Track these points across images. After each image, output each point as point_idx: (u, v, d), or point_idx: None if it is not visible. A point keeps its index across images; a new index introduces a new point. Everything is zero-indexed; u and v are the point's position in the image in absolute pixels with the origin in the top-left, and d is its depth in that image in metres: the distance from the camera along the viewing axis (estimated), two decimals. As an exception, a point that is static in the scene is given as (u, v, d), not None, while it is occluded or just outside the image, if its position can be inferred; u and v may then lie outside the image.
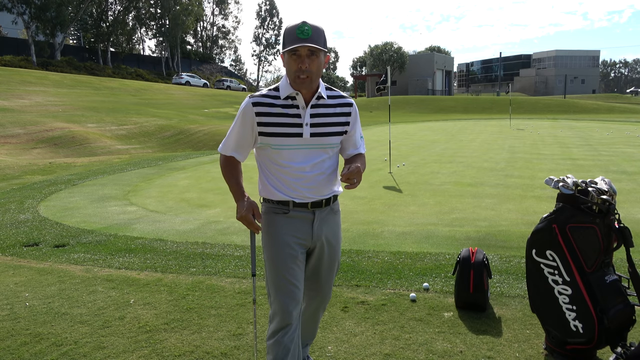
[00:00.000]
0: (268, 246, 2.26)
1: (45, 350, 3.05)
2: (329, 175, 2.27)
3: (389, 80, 10.63)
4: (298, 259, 2.23)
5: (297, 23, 2.06)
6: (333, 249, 2.36)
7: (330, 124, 2.23)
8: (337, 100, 2.27)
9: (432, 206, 6.99)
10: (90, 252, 5.21)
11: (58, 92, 29.40)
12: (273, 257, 2.22)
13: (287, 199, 2.22)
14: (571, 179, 2.71)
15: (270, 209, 2.28)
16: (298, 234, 2.24)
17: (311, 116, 2.18)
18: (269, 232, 2.27)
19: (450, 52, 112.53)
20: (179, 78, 49.24)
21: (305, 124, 2.17)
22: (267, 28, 77.21)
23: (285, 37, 2.08)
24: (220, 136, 20.04)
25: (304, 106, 2.18)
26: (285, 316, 2.17)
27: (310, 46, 2.03)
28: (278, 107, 2.17)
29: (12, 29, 45.26)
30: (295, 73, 2.08)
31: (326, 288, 2.44)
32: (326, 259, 2.36)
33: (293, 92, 2.15)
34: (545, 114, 35.41)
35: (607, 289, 2.61)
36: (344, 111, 2.27)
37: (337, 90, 2.32)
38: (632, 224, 5.36)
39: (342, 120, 2.26)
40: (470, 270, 3.42)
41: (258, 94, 2.22)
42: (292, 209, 2.23)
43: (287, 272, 2.19)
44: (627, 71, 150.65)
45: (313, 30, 2.05)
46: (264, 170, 2.28)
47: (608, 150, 12.92)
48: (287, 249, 2.22)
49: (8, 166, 12.75)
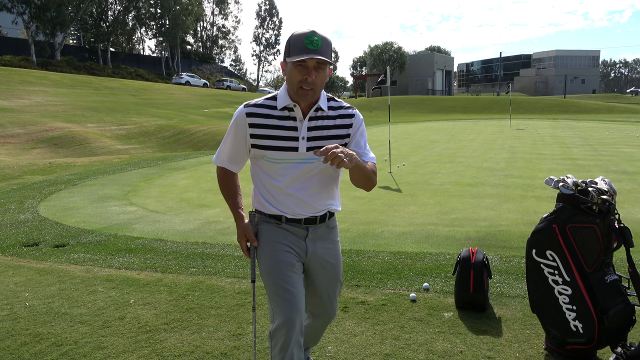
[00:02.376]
0: (263, 256, 2.16)
1: (45, 350, 3.05)
2: (323, 191, 2.15)
3: (388, 80, 10.63)
4: (295, 266, 2.12)
5: (305, 32, 1.92)
6: (333, 268, 2.26)
7: (328, 137, 2.08)
8: (337, 111, 2.12)
9: (432, 206, 6.99)
10: (90, 252, 5.21)
11: (58, 92, 29.39)
12: (270, 267, 2.12)
13: (279, 214, 2.13)
14: (571, 179, 2.71)
15: (263, 219, 2.20)
16: (292, 245, 2.14)
17: (309, 129, 2.05)
18: (263, 242, 2.18)
19: (450, 52, 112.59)
20: (179, 78, 49.23)
21: (301, 138, 2.04)
22: (267, 28, 77.30)
23: (292, 46, 1.93)
24: (220, 136, 20.04)
25: (302, 118, 2.04)
26: (289, 330, 2.03)
27: (320, 59, 1.91)
28: (274, 119, 2.05)
29: (12, 29, 45.25)
30: (300, 84, 1.95)
31: (330, 309, 2.33)
32: (326, 279, 2.25)
33: (291, 103, 2.02)
34: (545, 114, 35.42)
35: (607, 289, 2.61)
36: (345, 123, 2.12)
37: (339, 100, 2.17)
38: (632, 224, 5.36)
39: (342, 132, 2.11)
40: (470, 270, 3.42)
41: (253, 102, 2.10)
42: (284, 223, 2.14)
43: (286, 282, 2.07)
44: (627, 71, 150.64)
45: (323, 42, 1.92)
46: (256, 181, 2.19)
47: (608, 150, 12.92)
48: (284, 257, 2.11)
49: (8, 166, 12.75)
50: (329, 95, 2.15)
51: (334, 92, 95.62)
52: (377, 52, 67.40)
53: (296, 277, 2.11)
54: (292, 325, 2.02)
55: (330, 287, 2.29)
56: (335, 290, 2.32)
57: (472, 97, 52.96)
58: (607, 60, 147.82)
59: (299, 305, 2.06)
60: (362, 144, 2.15)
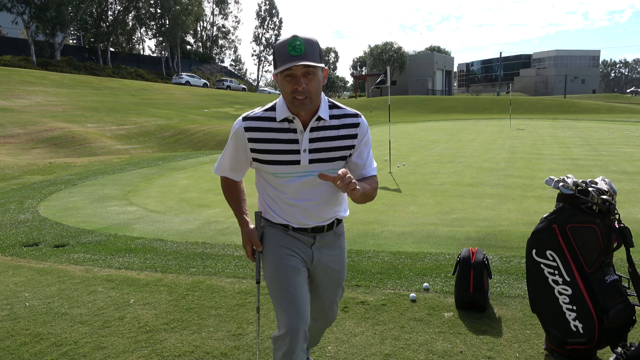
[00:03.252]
0: (269, 260, 2.11)
1: (45, 350, 3.05)
2: (330, 200, 2.08)
3: (388, 80, 10.63)
4: (301, 272, 2.08)
5: (286, 38, 1.81)
6: (336, 275, 2.23)
7: (332, 149, 1.98)
8: (341, 120, 2.00)
9: (432, 206, 6.99)
10: (90, 252, 5.21)
11: (58, 92, 29.39)
12: (275, 272, 2.07)
13: (286, 223, 2.09)
14: (571, 179, 2.71)
15: (268, 224, 2.16)
16: (299, 251, 2.11)
17: (310, 141, 1.96)
18: (268, 246, 2.13)
19: (450, 52, 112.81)
20: (178, 78, 49.25)
21: (303, 150, 1.95)
22: (267, 28, 77.34)
23: (277, 56, 1.82)
24: (220, 136, 20.05)
25: (302, 130, 1.95)
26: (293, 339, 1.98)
27: (306, 64, 1.78)
28: (273, 132, 1.96)
29: (12, 29, 45.24)
30: (292, 95, 1.84)
31: (330, 314, 2.33)
32: (329, 286, 2.24)
33: (290, 115, 1.93)
34: (545, 114, 35.42)
35: (607, 289, 2.61)
36: (349, 133, 2.01)
37: (343, 107, 2.04)
38: (632, 224, 5.36)
39: (347, 143, 2.01)
40: (470, 270, 3.41)
41: (252, 115, 2.00)
42: (291, 231, 2.11)
43: (291, 286, 2.03)
44: (627, 71, 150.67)
45: (306, 45, 1.79)
46: (261, 191, 2.14)
47: (608, 150, 12.92)
48: (289, 262, 2.07)
49: (8, 166, 12.75)
50: (331, 102, 2.04)
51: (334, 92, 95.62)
52: (377, 52, 67.47)
53: (301, 283, 2.07)
54: (296, 334, 1.99)
55: (333, 293, 2.28)
56: (336, 296, 2.31)
57: (472, 97, 52.96)
58: (607, 60, 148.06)
59: (304, 313, 2.02)
60: (365, 156, 2.07)
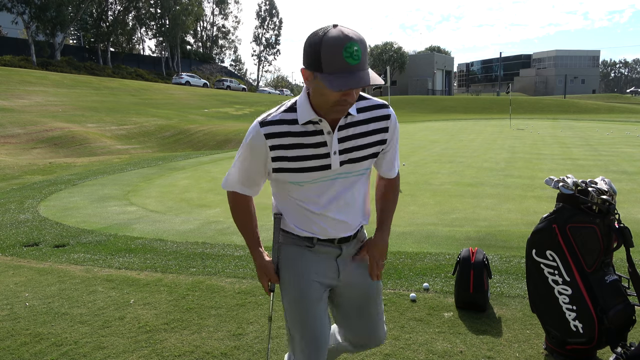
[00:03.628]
0: (289, 285, 1.87)
1: (45, 350, 3.05)
2: (359, 205, 1.88)
3: (388, 80, 10.65)
4: (323, 300, 1.88)
5: (339, 37, 1.48)
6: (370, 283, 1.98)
7: (363, 146, 1.76)
8: (370, 113, 1.76)
9: (432, 206, 6.99)
10: (90, 252, 5.21)
11: (58, 92, 29.40)
12: (295, 300, 1.86)
13: (311, 236, 1.85)
14: (571, 179, 2.71)
15: (289, 239, 1.89)
16: (324, 272, 1.89)
17: (340, 141, 1.71)
18: (289, 268, 1.88)
19: (450, 52, 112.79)
20: (178, 78, 49.25)
21: (333, 153, 1.71)
22: (267, 28, 77.24)
23: (325, 59, 1.49)
24: (220, 136, 20.06)
25: (330, 131, 1.69)
26: None
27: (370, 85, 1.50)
28: (297, 136, 1.69)
29: (12, 29, 45.24)
30: (337, 104, 1.59)
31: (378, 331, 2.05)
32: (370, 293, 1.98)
33: (316, 117, 1.66)
34: (545, 114, 35.42)
35: (607, 289, 2.61)
36: (380, 127, 1.78)
37: (369, 97, 1.79)
38: (632, 224, 5.36)
39: (378, 138, 1.78)
40: (470, 270, 3.41)
41: (270, 119, 1.70)
42: (316, 244, 1.86)
43: (314, 319, 1.83)
44: (627, 71, 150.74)
45: (362, 50, 1.51)
46: (280, 201, 1.89)
47: (608, 150, 12.92)
48: (313, 291, 1.85)
49: (8, 166, 12.75)
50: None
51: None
52: (377, 52, 67.45)
53: (322, 313, 1.88)
54: None
55: (372, 305, 2.00)
56: (378, 308, 2.02)
57: (472, 97, 52.95)
58: (607, 60, 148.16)
59: (323, 347, 1.86)
60: (392, 156, 1.90)
